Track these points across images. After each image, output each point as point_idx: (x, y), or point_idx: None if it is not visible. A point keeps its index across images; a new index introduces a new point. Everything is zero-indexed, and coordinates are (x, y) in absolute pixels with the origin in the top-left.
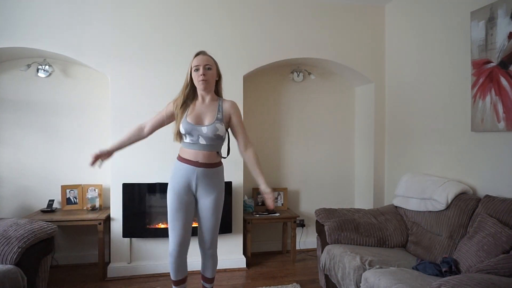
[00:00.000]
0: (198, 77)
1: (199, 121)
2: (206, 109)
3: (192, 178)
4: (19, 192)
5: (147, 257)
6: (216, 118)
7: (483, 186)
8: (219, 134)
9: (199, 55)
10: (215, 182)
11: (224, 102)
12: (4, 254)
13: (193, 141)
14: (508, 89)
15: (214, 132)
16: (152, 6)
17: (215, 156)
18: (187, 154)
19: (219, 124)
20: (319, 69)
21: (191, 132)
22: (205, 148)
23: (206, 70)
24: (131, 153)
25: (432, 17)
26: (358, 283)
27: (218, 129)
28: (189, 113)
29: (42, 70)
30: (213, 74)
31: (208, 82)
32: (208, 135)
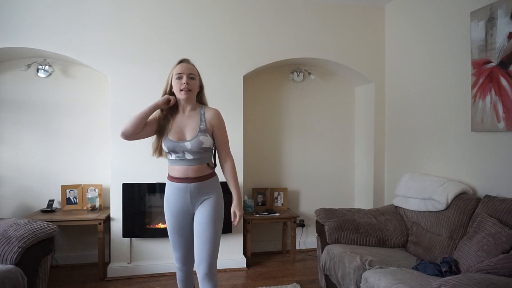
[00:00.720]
0: (180, 85)
1: (181, 137)
2: (187, 121)
3: (187, 196)
4: (19, 192)
5: (147, 257)
6: (199, 130)
7: (483, 186)
8: (206, 147)
9: (182, 63)
10: (210, 193)
11: (206, 111)
12: (4, 254)
13: (180, 157)
14: (508, 89)
15: (199, 146)
16: (152, 7)
17: (206, 168)
18: (176, 171)
19: (203, 136)
20: (319, 69)
21: (175, 149)
22: (193, 162)
23: (190, 79)
24: (131, 153)
25: (432, 17)
26: (358, 283)
27: (203, 142)
28: (170, 129)
29: (42, 70)
30: (196, 84)
31: (191, 92)
32: (193, 149)
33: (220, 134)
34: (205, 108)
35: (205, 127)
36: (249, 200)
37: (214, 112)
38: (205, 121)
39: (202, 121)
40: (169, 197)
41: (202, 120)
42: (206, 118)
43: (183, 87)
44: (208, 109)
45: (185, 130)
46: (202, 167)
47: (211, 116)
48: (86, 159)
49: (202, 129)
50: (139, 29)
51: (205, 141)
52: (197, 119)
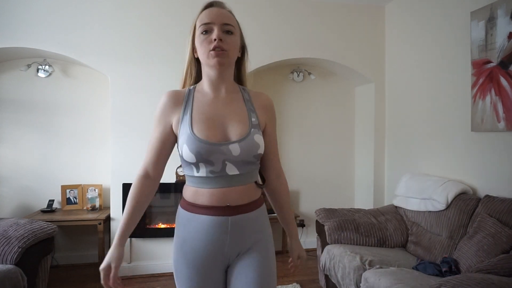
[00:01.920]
0: (208, 44)
1: (220, 133)
2: (227, 108)
3: (224, 238)
4: (19, 192)
5: (147, 257)
6: (250, 125)
7: (483, 186)
8: (260, 154)
9: (211, 8)
10: (260, 232)
11: (253, 95)
12: (4, 254)
13: (215, 173)
14: (508, 89)
15: (253, 151)
16: (152, 6)
17: (254, 190)
18: (207, 197)
19: (257, 134)
20: (319, 69)
21: (209, 157)
22: (238, 180)
23: (225, 33)
24: (131, 153)
25: (432, 17)
26: (358, 283)
27: (259, 144)
28: (196, 121)
29: (42, 70)
30: (236, 43)
31: (227, 55)
32: (243, 157)
33: (274, 135)
34: (251, 92)
35: (257, 121)
36: None
37: (266, 98)
38: (256, 110)
39: (252, 111)
40: (189, 241)
41: (251, 109)
42: (256, 106)
43: (213, 46)
44: (255, 93)
45: (226, 122)
46: (250, 188)
47: (263, 103)
48: (86, 159)
49: (255, 123)
50: (139, 29)
51: (260, 142)
52: (242, 106)
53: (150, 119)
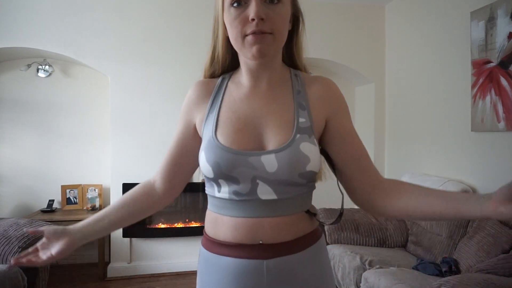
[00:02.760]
0: (243, 27)
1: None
2: (267, 105)
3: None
4: (19, 192)
5: (147, 257)
6: (296, 127)
7: (483, 186)
8: (311, 171)
9: None
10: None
11: (308, 83)
12: (4, 254)
13: (241, 196)
14: (508, 89)
15: (299, 165)
16: (152, 6)
17: (303, 222)
18: (229, 229)
19: (307, 142)
20: (319, 69)
21: (230, 172)
22: (277, 208)
23: (268, 4)
24: (131, 153)
25: (432, 17)
26: (358, 283)
27: (307, 156)
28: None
29: (42, 70)
30: (286, 15)
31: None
32: (281, 175)
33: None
34: (305, 77)
35: (308, 123)
36: None
37: (325, 83)
38: (309, 106)
39: (302, 108)
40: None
41: (302, 105)
42: (310, 99)
43: (250, 29)
44: (310, 78)
45: (263, 124)
46: (297, 219)
47: (319, 93)
48: (86, 159)
49: (304, 126)
50: (139, 29)
51: (312, 155)
52: (288, 101)
53: (150, 119)
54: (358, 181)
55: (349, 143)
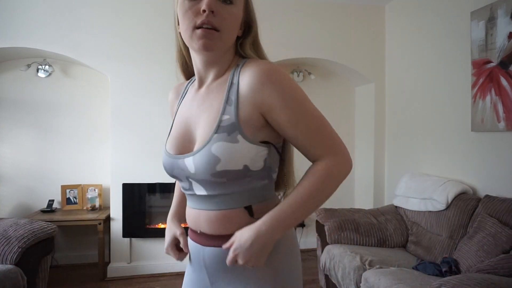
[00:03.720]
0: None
1: (184, 144)
2: (202, 106)
3: (202, 276)
4: (19, 192)
5: (147, 257)
6: (216, 127)
7: (483, 186)
8: (230, 170)
9: None
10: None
11: (243, 73)
12: (4, 254)
13: (186, 190)
14: (508, 89)
15: (209, 167)
16: (152, 6)
17: (240, 218)
18: (187, 217)
19: (222, 142)
20: (319, 69)
21: (172, 172)
22: (210, 203)
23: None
24: (131, 153)
25: (432, 17)
26: (358, 283)
27: (218, 158)
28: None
29: (42, 70)
30: (236, 18)
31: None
32: (201, 176)
33: (289, 118)
34: (245, 66)
35: (234, 117)
36: None
37: (256, 70)
38: (237, 100)
39: (231, 101)
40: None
41: (231, 98)
42: (241, 89)
43: (200, 20)
44: (248, 66)
45: (194, 127)
46: (232, 214)
47: (248, 82)
48: (86, 159)
49: (226, 124)
50: (139, 29)
51: (223, 156)
52: (219, 97)
53: (150, 119)
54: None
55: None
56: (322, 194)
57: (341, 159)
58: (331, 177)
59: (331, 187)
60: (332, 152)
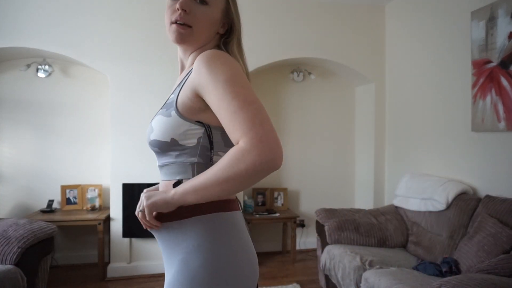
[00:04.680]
0: (171, 15)
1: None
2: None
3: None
4: (19, 192)
5: (147, 257)
6: (165, 104)
7: (483, 186)
8: (158, 141)
9: None
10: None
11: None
12: (4, 254)
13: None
14: (509, 89)
15: (147, 136)
16: (151, 6)
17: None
18: None
19: (160, 116)
20: (319, 69)
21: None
22: (160, 173)
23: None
24: (131, 153)
25: (432, 17)
26: (358, 283)
27: (152, 128)
28: None
29: (42, 70)
30: (208, 17)
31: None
32: (148, 145)
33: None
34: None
35: (174, 98)
36: (249, 200)
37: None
38: (184, 82)
39: (181, 84)
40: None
41: (183, 80)
42: (190, 74)
43: (174, 17)
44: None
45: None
46: (167, 186)
47: (194, 66)
48: (86, 159)
49: (169, 102)
50: (139, 28)
51: (156, 127)
52: (179, 81)
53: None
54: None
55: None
56: (226, 176)
57: (257, 144)
58: (237, 160)
59: (236, 171)
60: (248, 137)
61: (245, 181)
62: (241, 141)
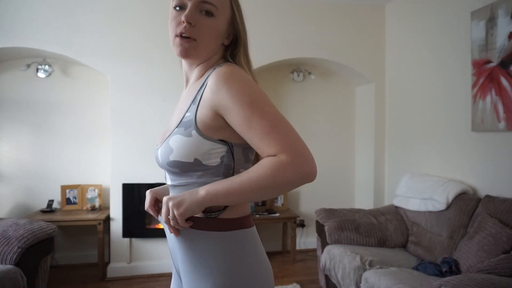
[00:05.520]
0: (176, 27)
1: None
2: (180, 103)
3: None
4: (19, 192)
5: (147, 257)
6: (178, 123)
7: (483, 186)
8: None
9: None
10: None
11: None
12: (4, 254)
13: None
14: (509, 89)
15: (165, 156)
16: (152, 6)
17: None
18: None
19: (178, 135)
20: (319, 69)
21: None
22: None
23: (201, 14)
24: (131, 153)
25: (432, 17)
26: (358, 283)
27: (171, 148)
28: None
29: (42, 70)
30: (214, 29)
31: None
32: (163, 165)
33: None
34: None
35: (191, 116)
36: None
37: (215, 74)
38: (200, 100)
39: (196, 101)
40: None
41: (197, 97)
42: (206, 90)
43: (179, 30)
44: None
45: (172, 122)
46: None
47: (209, 86)
48: (85, 159)
49: (186, 120)
50: (139, 28)
51: (176, 147)
52: (191, 97)
53: (150, 119)
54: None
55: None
56: (265, 184)
57: (297, 158)
58: (279, 171)
59: (277, 181)
60: (287, 151)
61: (281, 191)
62: (281, 155)
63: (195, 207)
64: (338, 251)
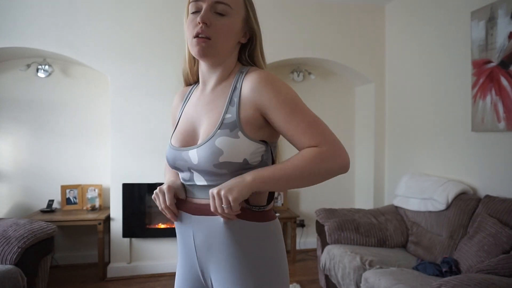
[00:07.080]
0: (193, 29)
1: (188, 139)
2: (207, 106)
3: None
4: (19, 192)
5: (147, 257)
6: (220, 124)
7: (483, 186)
8: (230, 162)
9: None
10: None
11: (246, 79)
12: (4, 254)
13: (186, 181)
14: (509, 89)
15: (212, 158)
16: (152, 5)
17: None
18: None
19: (225, 136)
20: (319, 69)
21: (175, 165)
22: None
23: (215, 15)
24: (131, 153)
25: (432, 17)
26: (358, 283)
27: (221, 150)
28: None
29: (42, 70)
30: (229, 28)
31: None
32: (203, 166)
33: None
34: (248, 73)
35: (235, 116)
36: None
37: (255, 76)
38: (239, 102)
39: (233, 102)
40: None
41: (234, 99)
42: (243, 93)
43: (196, 30)
44: (250, 74)
45: (198, 124)
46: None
47: (248, 87)
48: (86, 159)
49: (228, 121)
50: (139, 28)
51: (226, 148)
52: (224, 99)
53: (150, 119)
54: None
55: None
56: (309, 171)
57: (336, 150)
58: (321, 159)
59: (320, 169)
60: (327, 143)
61: (322, 178)
62: (321, 146)
63: (245, 191)
64: (338, 251)
